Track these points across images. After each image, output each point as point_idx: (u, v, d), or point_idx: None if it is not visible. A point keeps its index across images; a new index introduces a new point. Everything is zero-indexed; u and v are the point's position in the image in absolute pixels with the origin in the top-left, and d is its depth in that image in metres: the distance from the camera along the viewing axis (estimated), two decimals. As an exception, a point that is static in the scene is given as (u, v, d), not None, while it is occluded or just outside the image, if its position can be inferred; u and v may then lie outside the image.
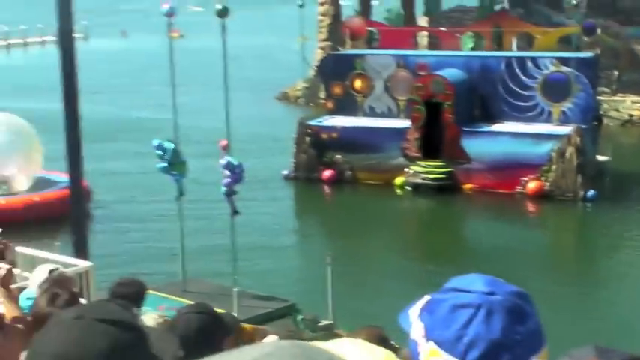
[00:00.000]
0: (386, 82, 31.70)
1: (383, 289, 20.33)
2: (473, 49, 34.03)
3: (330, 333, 13.03)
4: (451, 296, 1.87)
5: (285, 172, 31.24)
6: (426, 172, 29.25)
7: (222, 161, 16.28)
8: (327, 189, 30.64)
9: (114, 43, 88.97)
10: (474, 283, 1.87)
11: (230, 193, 16.73)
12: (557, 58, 29.73)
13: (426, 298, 1.95)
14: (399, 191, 29.55)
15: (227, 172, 16.23)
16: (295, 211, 29.31)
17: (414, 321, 1.91)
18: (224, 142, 20.39)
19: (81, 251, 12.44)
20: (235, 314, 14.79)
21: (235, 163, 16.49)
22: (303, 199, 30.39)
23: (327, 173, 30.81)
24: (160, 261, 21.00)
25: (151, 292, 6.61)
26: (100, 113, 39.98)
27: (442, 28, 38.30)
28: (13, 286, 4.87)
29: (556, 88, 29.30)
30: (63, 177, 23.32)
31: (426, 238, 26.50)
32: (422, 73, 30.57)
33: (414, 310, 1.93)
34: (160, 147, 16.86)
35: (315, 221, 28.24)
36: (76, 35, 12.82)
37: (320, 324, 15.94)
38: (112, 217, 26.56)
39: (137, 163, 31.49)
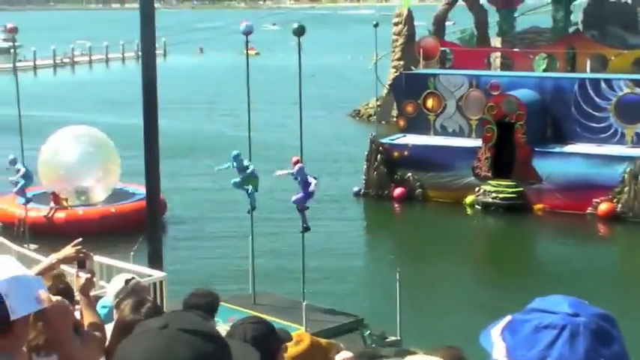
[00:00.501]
0: (458, 102, 31.18)
1: (451, 307, 19.84)
2: (546, 70, 33.40)
3: (403, 350, 12.57)
4: (534, 317, 1.81)
5: (356, 189, 30.68)
6: (497, 192, 28.58)
7: (295, 168, 16.26)
8: (397, 206, 29.97)
9: (191, 59, 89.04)
10: (558, 304, 1.82)
11: (302, 209, 16.51)
12: (632, 80, 29.05)
13: (508, 318, 1.89)
14: (468, 210, 29.00)
15: (296, 178, 16.16)
16: (365, 228, 28.63)
17: (495, 341, 1.86)
18: (296, 159, 20.40)
19: (155, 262, 12.23)
20: (304, 327, 14.78)
21: (307, 178, 16.41)
22: (373, 216, 29.77)
23: (397, 191, 30.23)
24: (231, 276, 20.71)
25: (221, 304, 6.56)
26: (176, 129, 39.44)
27: (515, 49, 37.56)
28: (90, 293, 4.87)
29: (630, 110, 28.53)
30: (139, 189, 23.18)
31: (495, 258, 25.75)
32: (494, 93, 29.98)
33: (496, 330, 1.87)
34: (236, 157, 17.02)
35: (385, 238, 27.70)
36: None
37: (387, 340, 15.56)
38: (185, 232, 26.02)
39: (211, 179, 30.49)
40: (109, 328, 4.55)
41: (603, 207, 27.60)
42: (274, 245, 23.24)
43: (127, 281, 5.69)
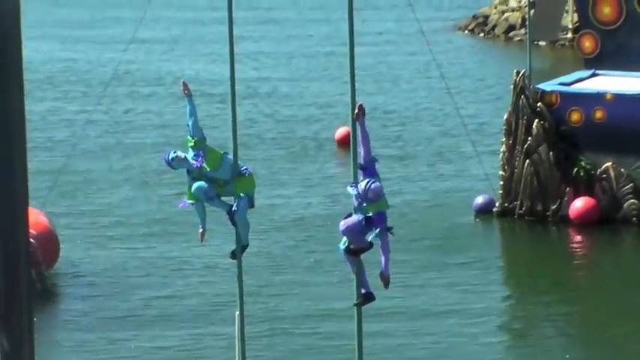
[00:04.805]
0: None
1: None
2: None
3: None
4: None
5: (482, 201, 23.08)
6: None
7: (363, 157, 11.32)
8: (578, 242, 22.56)
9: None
10: None
11: (357, 249, 11.14)
12: None
13: None
14: None
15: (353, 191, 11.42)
16: (508, 294, 20.62)
17: None
18: (343, 133, 22.37)
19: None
20: None
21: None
22: (526, 269, 21.64)
23: (578, 204, 22.40)
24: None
25: None
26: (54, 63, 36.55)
27: None
28: None
29: None
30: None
31: None
32: None
33: None
34: (195, 127, 11.75)
35: (558, 322, 19.49)
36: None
37: None
38: (93, 307, 19.69)
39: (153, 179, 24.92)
40: None
41: None
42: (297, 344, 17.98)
43: None
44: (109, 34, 43.74)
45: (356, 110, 10.79)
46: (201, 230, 11.48)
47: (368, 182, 10.59)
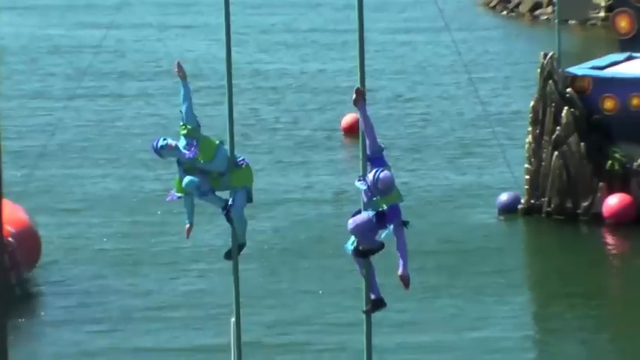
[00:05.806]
0: None
1: None
2: None
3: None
4: None
5: (506, 198, 22.24)
6: None
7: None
8: (612, 242, 21.70)
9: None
10: None
11: (367, 250, 10.69)
12: None
13: None
14: None
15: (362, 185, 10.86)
16: (534, 303, 19.84)
17: None
18: (349, 122, 22.82)
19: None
20: None
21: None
22: (554, 274, 20.31)
23: (613, 201, 21.60)
24: None
25: None
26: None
27: None
28: None
29: None
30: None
31: None
32: None
33: None
34: (188, 111, 11.04)
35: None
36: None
37: None
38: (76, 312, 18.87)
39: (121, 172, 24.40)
40: None
41: None
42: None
43: None
44: (102, 18, 43.35)
45: (353, 95, 10.11)
46: (187, 225, 10.96)
47: (376, 172, 10.02)
